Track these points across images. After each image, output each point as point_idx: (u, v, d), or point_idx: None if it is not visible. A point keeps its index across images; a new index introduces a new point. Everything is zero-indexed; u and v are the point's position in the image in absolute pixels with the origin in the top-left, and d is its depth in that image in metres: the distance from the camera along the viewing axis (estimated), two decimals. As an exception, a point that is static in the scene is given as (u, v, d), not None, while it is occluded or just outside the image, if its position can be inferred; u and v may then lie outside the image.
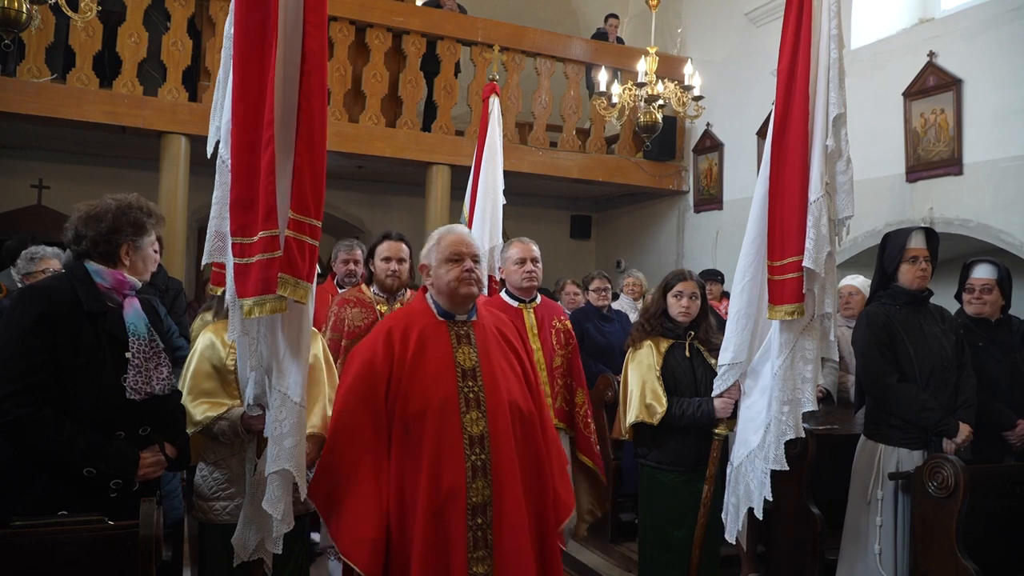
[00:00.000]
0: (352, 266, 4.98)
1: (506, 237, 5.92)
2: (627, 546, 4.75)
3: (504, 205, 5.87)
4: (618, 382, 3.74)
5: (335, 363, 3.06)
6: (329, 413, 2.73)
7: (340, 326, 3.80)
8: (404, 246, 3.92)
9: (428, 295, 2.58)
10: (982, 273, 3.79)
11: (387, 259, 3.85)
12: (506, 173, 6.07)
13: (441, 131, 8.03)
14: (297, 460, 2.28)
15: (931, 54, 6.24)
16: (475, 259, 2.54)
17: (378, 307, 3.84)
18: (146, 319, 2.36)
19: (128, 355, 2.25)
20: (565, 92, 8.74)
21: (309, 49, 2.22)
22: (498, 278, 4.51)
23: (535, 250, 3.92)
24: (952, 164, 6.08)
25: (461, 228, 2.74)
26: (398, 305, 3.81)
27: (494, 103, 5.85)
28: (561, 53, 8.73)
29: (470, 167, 5.94)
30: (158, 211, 2.45)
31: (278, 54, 2.19)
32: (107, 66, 6.83)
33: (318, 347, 2.80)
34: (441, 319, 2.51)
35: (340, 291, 4.56)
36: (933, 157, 6.22)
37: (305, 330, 2.33)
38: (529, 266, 3.86)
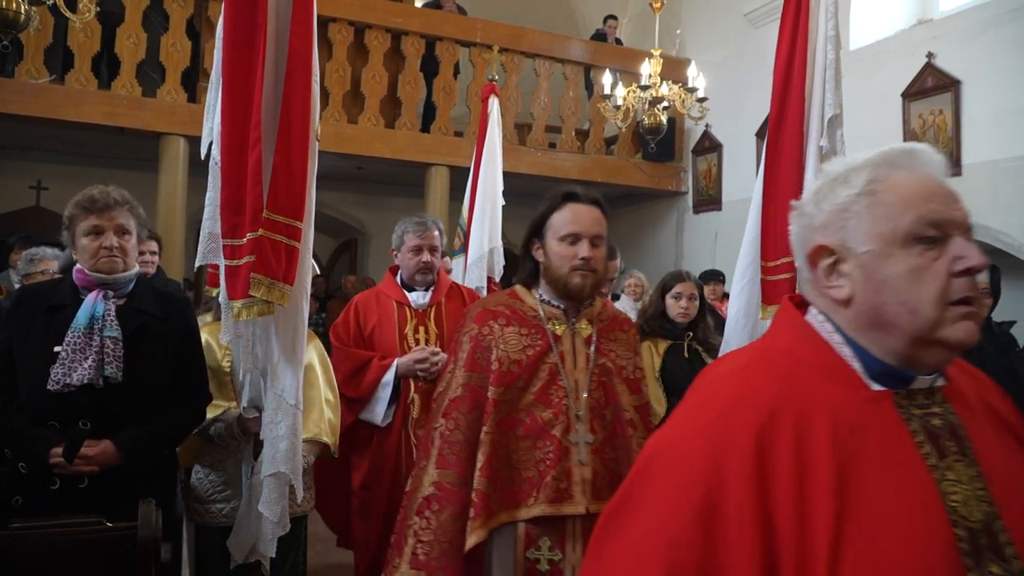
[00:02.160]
0: (427, 257, 3.19)
1: (505, 240, 5.94)
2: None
3: (504, 206, 5.88)
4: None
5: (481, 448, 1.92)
6: (328, 416, 2.73)
7: (482, 362, 2.01)
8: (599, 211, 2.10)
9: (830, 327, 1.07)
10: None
11: (571, 237, 2.02)
12: (505, 174, 6.08)
13: (440, 132, 8.03)
14: (293, 463, 2.28)
15: (930, 55, 6.24)
16: None
17: (550, 326, 2.07)
18: (98, 313, 2.24)
19: (57, 348, 2.19)
20: (564, 93, 8.74)
21: (293, 48, 2.22)
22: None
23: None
24: (951, 165, 6.08)
25: None
26: (584, 324, 2.11)
27: (493, 104, 5.85)
28: (560, 54, 8.73)
29: (469, 168, 5.95)
30: (106, 199, 2.28)
31: (267, 54, 2.19)
32: (106, 67, 6.85)
33: (314, 350, 2.80)
34: (881, 389, 0.99)
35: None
36: (932, 158, 6.21)
37: (300, 332, 2.33)
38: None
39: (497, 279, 5.79)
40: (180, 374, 2.37)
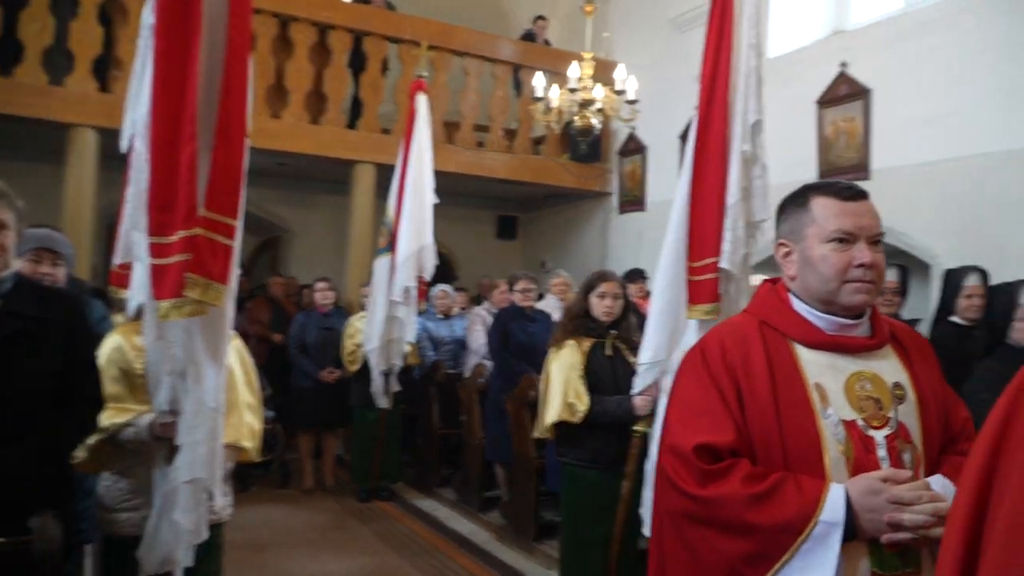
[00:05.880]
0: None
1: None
2: (549, 544, 4.79)
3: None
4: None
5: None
6: (248, 420, 2.64)
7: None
8: None
9: None
10: (889, 276, 3.97)
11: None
12: (434, 172, 6.05)
13: (367, 129, 7.92)
14: (211, 468, 2.20)
15: (843, 64, 6.49)
16: None
17: None
18: None
19: None
20: (493, 92, 8.74)
21: (232, 40, 2.16)
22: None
23: None
24: (861, 170, 6.33)
25: None
26: None
27: (421, 100, 5.81)
28: (490, 53, 8.72)
29: (396, 166, 5.88)
30: None
31: (202, 46, 2.12)
32: (8, 53, 6.46)
33: (234, 351, 2.71)
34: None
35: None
36: (843, 163, 6.46)
37: (224, 334, 2.26)
38: None
39: (428, 278, 5.76)
40: (67, 380, 2.07)
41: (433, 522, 5.64)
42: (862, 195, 1.61)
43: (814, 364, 1.55)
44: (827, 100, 6.61)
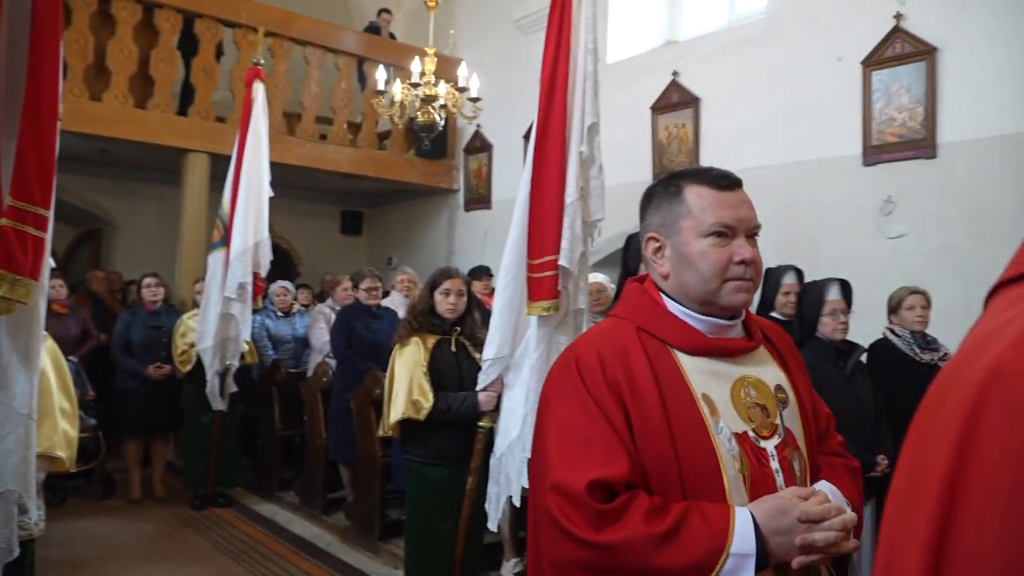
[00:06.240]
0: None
1: (272, 233, 5.70)
2: (395, 544, 4.76)
3: (271, 198, 5.63)
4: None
5: None
6: (63, 427, 2.44)
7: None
8: None
9: None
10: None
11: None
12: (273, 164, 5.82)
13: (200, 116, 7.49)
14: (25, 480, 2.02)
15: (675, 73, 6.89)
16: None
17: None
18: None
19: None
20: (336, 84, 8.54)
21: (39, 13, 1.97)
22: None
23: None
24: (691, 174, 6.75)
25: None
26: None
27: (258, 89, 5.59)
28: (333, 44, 8.51)
29: (232, 156, 5.62)
30: None
31: (2, 18, 1.93)
32: None
33: (47, 353, 2.49)
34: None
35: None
36: (676, 167, 6.85)
37: (37, 334, 2.08)
38: None
39: (264, 274, 5.55)
40: None
41: (274, 527, 5.45)
42: (738, 184, 1.47)
43: (698, 373, 1.40)
44: (660, 107, 6.99)
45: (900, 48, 5.36)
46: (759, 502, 1.29)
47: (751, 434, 1.38)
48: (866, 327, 4.13)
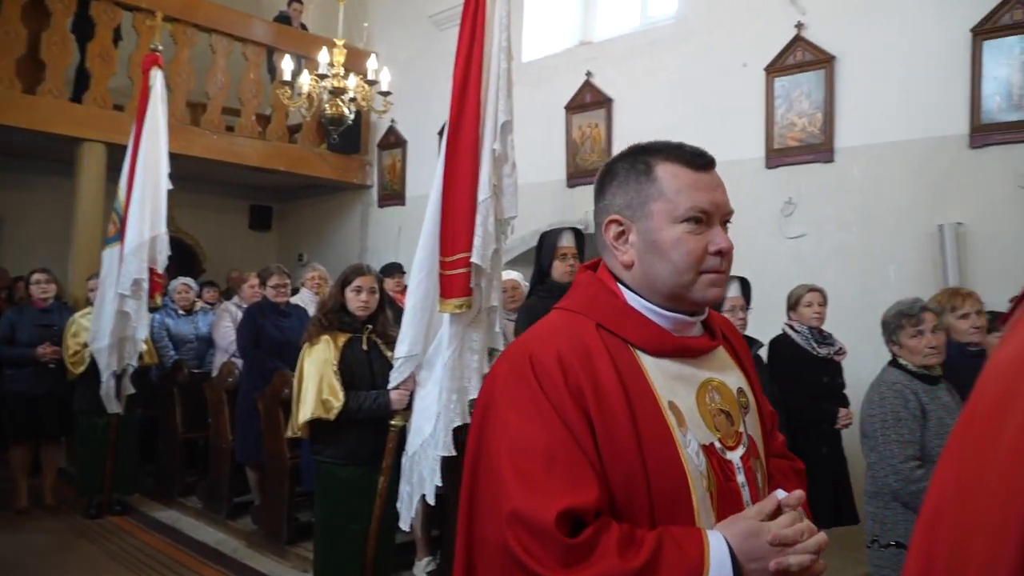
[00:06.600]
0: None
1: (173, 226, 5.46)
2: (303, 547, 4.64)
3: (173, 191, 5.40)
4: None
5: None
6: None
7: None
8: None
9: None
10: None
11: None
12: (176, 156, 5.59)
13: (96, 104, 7.09)
14: None
15: (588, 73, 6.97)
16: None
17: None
18: None
19: None
20: (244, 74, 8.26)
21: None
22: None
23: None
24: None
25: None
26: None
27: (156, 76, 5.34)
28: (241, 33, 8.22)
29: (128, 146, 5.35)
30: None
31: None
32: None
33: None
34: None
35: None
36: (588, 166, 6.95)
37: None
38: None
39: (161, 270, 5.30)
40: None
41: (176, 534, 5.23)
42: (713, 163, 1.29)
43: (663, 377, 1.24)
44: (574, 106, 7.06)
45: (801, 56, 5.59)
46: (729, 524, 1.15)
47: (717, 445, 1.24)
48: (768, 324, 4.28)
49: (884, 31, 5.23)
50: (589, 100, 6.97)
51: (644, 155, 1.30)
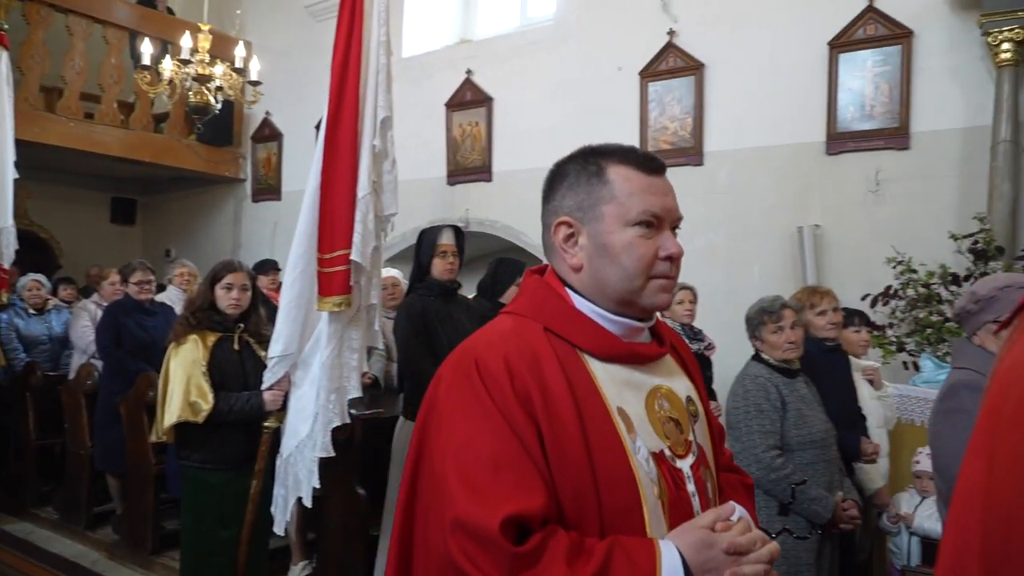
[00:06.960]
0: None
1: (26, 220, 5.08)
2: (169, 556, 4.44)
3: (25, 181, 5.03)
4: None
5: None
6: None
7: None
8: None
9: None
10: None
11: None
12: (28, 144, 5.22)
13: (-67, 84, 6.50)
14: None
15: (469, 72, 6.99)
16: None
17: None
18: None
19: None
20: (105, 59, 7.77)
21: None
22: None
23: None
24: (484, 171, 6.90)
25: None
26: None
27: (1, 58, 4.96)
28: (100, 14, 7.73)
29: (-28, 132, 4.95)
30: None
31: None
32: None
33: None
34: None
35: None
36: (469, 164, 6.98)
37: None
38: None
39: (7, 265, 4.92)
40: None
41: (29, 547, 4.88)
42: (664, 168, 1.31)
43: (612, 382, 1.23)
44: (455, 104, 7.07)
45: (673, 62, 5.83)
46: (681, 533, 1.13)
47: (667, 453, 1.22)
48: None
49: (750, 42, 5.54)
50: (470, 98, 7.00)
51: (596, 157, 1.29)
